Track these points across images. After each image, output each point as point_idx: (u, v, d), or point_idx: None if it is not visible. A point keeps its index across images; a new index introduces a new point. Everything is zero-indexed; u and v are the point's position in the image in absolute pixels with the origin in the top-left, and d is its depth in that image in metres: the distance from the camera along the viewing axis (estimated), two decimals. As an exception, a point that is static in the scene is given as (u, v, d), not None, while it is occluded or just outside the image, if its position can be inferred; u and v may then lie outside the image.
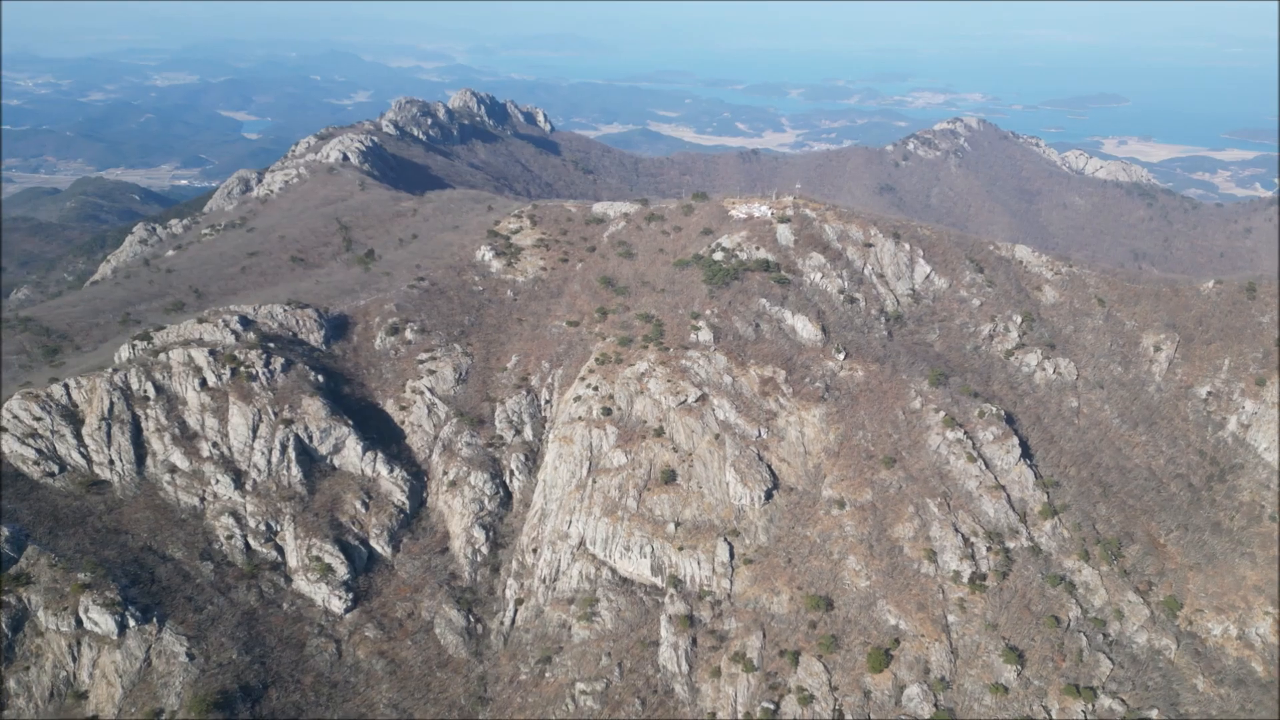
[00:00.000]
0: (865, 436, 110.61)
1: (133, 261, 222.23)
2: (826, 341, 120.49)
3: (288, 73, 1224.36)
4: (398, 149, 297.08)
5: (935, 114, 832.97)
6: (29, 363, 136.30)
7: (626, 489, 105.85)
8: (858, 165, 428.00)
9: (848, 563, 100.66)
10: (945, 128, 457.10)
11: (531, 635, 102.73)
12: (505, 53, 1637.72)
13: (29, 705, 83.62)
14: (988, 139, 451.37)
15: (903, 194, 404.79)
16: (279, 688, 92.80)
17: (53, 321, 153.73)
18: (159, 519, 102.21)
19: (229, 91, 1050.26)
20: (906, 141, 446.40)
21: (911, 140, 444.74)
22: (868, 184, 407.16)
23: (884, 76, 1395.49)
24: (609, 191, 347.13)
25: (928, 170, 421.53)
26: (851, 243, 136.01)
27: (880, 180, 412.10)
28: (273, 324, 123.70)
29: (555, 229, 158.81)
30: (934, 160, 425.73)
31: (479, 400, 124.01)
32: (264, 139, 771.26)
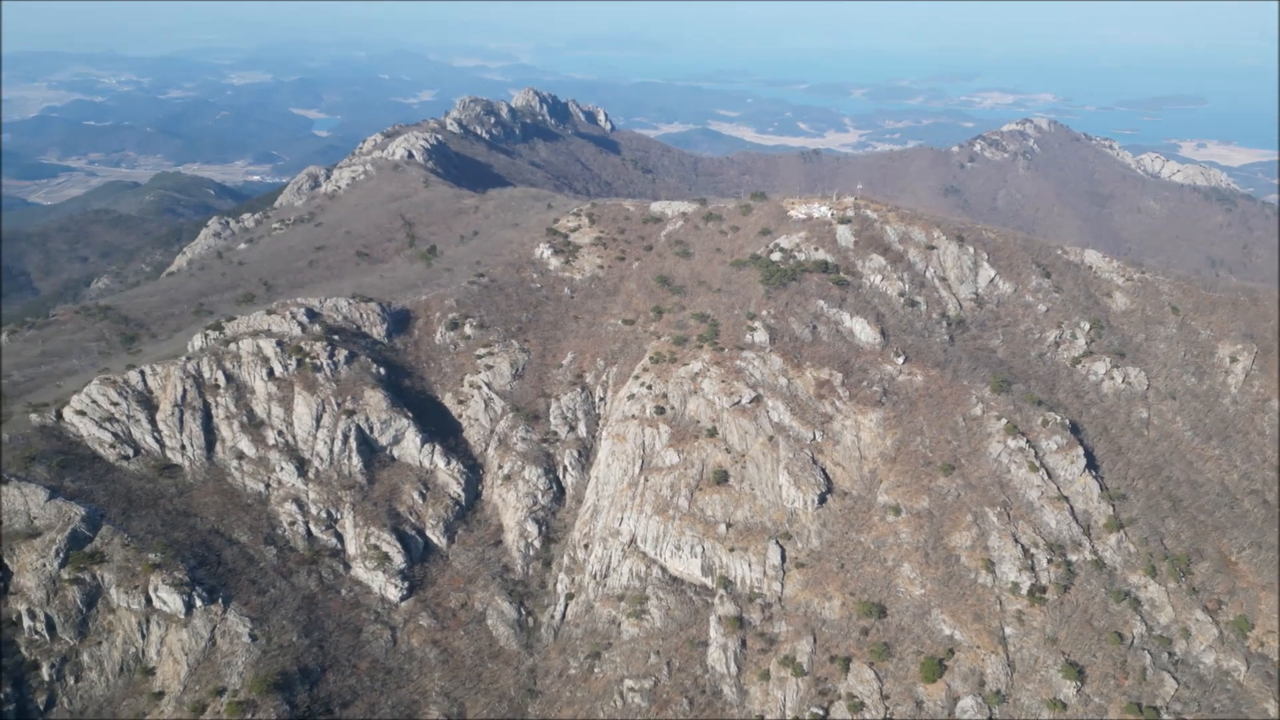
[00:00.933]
0: (923, 442, 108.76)
1: (207, 254, 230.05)
2: (885, 345, 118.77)
3: (356, 72, 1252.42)
4: (461, 147, 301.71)
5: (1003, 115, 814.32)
6: (108, 349, 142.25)
7: (678, 488, 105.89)
8: (922, 166, 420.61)
9: (902, 570, 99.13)
10: (1014, 129, 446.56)
11: (581, 630, 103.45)
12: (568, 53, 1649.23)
13: (100, 679, 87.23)
14: (1058, 140, 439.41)
15: (968, 196, 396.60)
16: (336, 671, 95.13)
17: (131, 311, 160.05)
18: (226, 503, 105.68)
19: (300, 90, 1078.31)
20: (973, 142, 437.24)
21: (978, 141, 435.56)
22: (932, 185, 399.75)
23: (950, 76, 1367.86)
24: (668, 191, 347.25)
25: (994, 172, 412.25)
26: (913, 245, 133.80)
27: (945, 182, 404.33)
28: (337, 317, 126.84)
29: (613, 227, 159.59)
30: (1001, 162, 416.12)
31: (534, 396, 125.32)
32: (333, 136, 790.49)
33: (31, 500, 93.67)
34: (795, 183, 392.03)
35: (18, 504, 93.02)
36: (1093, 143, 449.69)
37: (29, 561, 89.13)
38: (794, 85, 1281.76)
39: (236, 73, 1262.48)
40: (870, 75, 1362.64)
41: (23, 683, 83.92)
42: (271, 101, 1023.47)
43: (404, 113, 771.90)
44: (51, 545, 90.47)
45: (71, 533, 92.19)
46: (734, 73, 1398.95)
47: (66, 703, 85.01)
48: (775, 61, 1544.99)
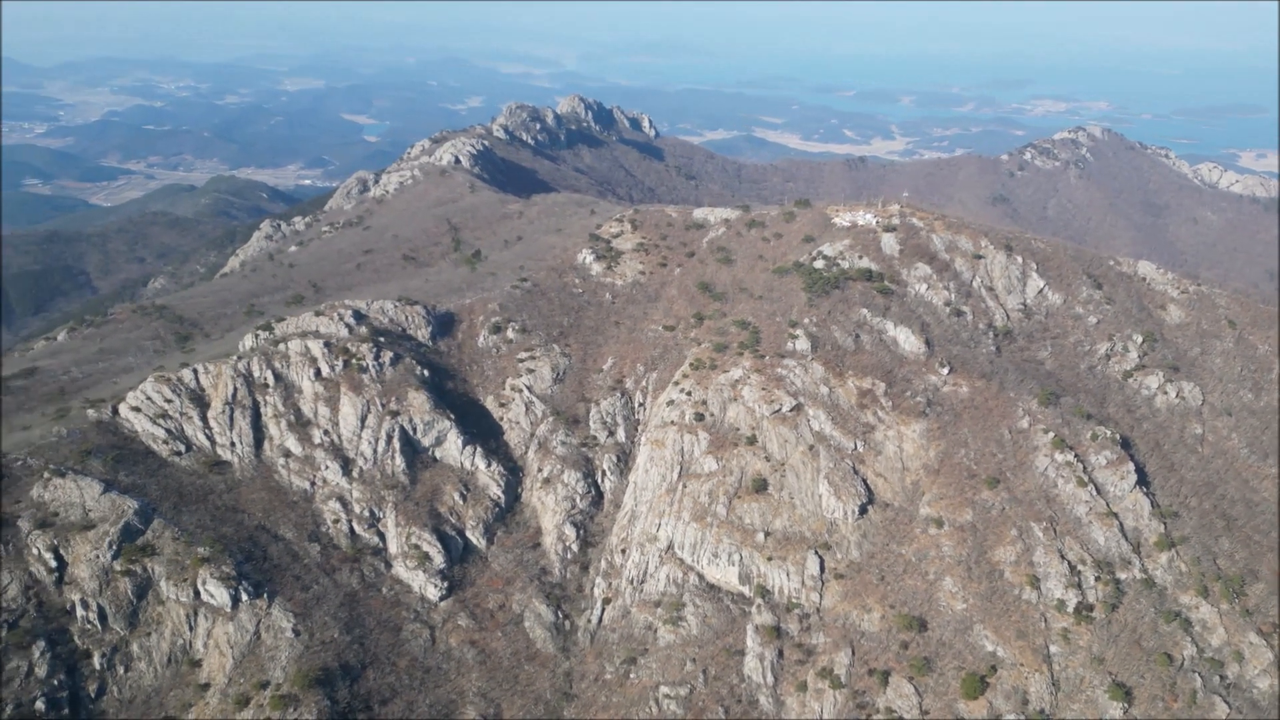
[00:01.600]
0: (968, 455, 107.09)
1: (258, 256, 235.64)
2: (930, 355, 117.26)
3: (406, 78, 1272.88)
4: (507, 153, 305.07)
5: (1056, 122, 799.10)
6: (162, 348, 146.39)
7: (716, 495, 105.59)
8: (970, 174, 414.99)
9: (944, 584, 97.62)
10: (1066, 137, 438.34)
11: (618, 635, 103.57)
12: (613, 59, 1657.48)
13: (149, 669, 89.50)
14: (1112, 149, 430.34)
15: (1017, 205, 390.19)
16: (376, 669, 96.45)
17: (185, 310, 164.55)
18: (273, 500, 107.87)
19: (351, 96, 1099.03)
20: (1023, 150, 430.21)
21: (1029, 149, 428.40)
22: (980, 194, 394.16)
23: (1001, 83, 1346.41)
24: (711, 197, 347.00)
25: (1045, 181, 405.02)
26: (960, 254, 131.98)
27: (993, 190, 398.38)
28: (383, 319, 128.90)
29: (655, 233, 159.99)
30: (1052, 170, 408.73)
31: (575, 400, 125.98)
32: (382, 141, 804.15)
33: (87, 493, 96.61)
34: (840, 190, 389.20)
35: (74, 496, 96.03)
36: (1148, 152, 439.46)
37: (83, 553, 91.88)
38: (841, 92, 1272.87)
39: (291, 79, 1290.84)
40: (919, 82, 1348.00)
41: (75, 670, 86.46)
42: (324, 107, 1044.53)
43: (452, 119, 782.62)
44: (105, 537, 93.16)
45: (124, 525, 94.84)
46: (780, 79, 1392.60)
47: (116, 691, 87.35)
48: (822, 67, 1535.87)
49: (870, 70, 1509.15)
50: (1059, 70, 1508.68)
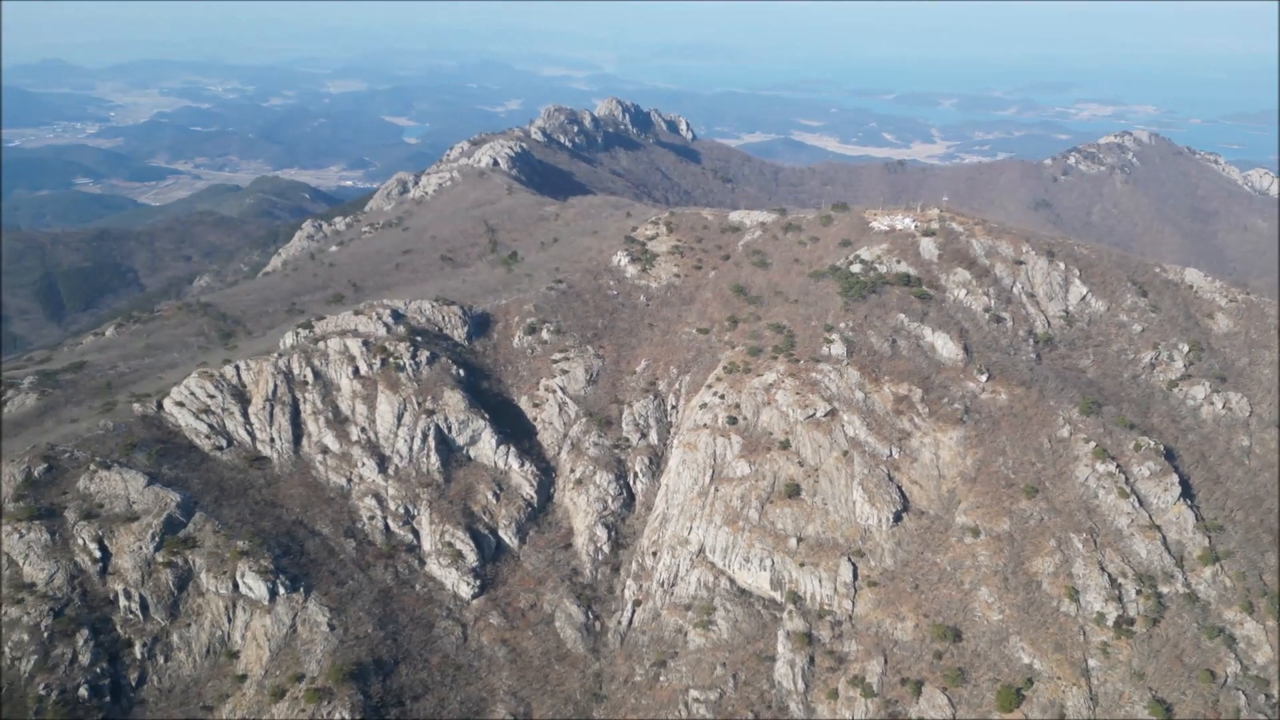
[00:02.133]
0: (1005, 463, 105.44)
1: (300, 255, 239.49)
2: (968, 361, 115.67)
3: (446, 81, 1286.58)
4: (544, 155, 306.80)
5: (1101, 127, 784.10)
6: (206, 344, 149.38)
7: (749, 500, 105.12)
8: (1011, 179, 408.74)
9: (979, 594, 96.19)
10: (1111, 141, 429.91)
11: (648, 637, 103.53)
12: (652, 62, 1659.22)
13: (188, 659, 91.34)
14: (1159, 154, 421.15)
15: (1060, 210, 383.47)
16: (408, 664, 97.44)
17: (229, 308, 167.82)
18: (310, 496, 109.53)
19: (392, 98, 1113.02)
20: (1067, 155, 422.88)
21: (1073, 154, 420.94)
22: (1022, 199, 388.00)
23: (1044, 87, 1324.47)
24: (747, 200, 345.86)
25: (1089, 186, 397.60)
26: (1000, 259, 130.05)
27: (1036, 195, 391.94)
28: (421, 319, 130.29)
29: (690, 236, 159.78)
30: (1097, 176, 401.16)
31: (608, 402, 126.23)
32: (422, 143, 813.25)
33: (131, 486, 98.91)
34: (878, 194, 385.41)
35: (118, 489, 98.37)
36: (1196, 157, 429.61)
37: (127, 544, 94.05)
38: (880, 95, 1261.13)
39: (334, 81, 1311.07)
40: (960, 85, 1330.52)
41: (117, 659, 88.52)
42: (365, 109, 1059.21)
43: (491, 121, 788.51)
44: (148, 529, 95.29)
45: (167, 518, 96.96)
46: (819, 82, 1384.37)
47: (156, 681, 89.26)
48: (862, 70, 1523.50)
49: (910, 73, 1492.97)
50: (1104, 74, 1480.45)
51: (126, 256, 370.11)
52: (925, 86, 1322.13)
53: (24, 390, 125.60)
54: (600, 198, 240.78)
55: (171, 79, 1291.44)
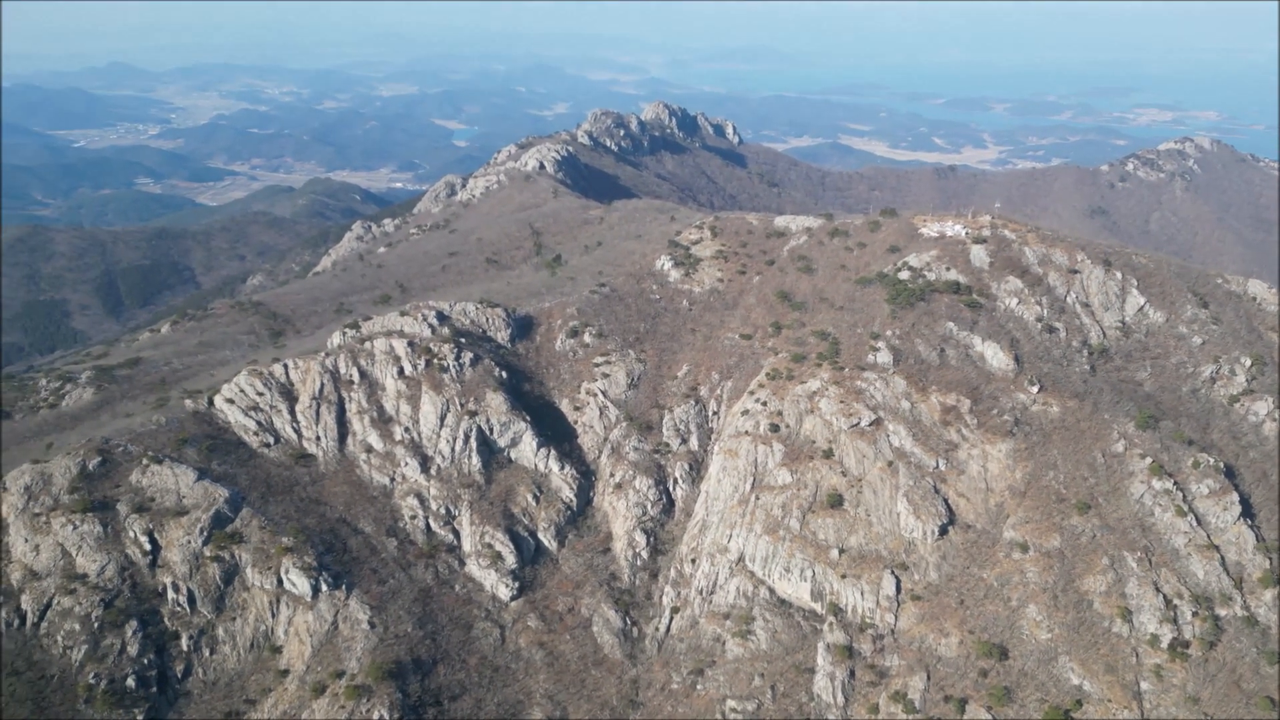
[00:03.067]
0: (1057, 478, 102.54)
1: (349, 256, 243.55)
2: (1019, 372, 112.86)
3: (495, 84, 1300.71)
4: (590, 158, 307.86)
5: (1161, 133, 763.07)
6: (257, 343, 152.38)
7: (790, 509, 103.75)
8: (1066, 185, 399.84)
9: (1027, 611, 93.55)
10: (1171, 147, 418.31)
11: (685, 645, 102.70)
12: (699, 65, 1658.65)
13: (233, 653, 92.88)
14: (1221, 161, 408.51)
15: (1117, 218, 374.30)
16: (447, 665, 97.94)
17: (279, 307, 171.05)
18: (354, 494, 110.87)
19: (442, 102, 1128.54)
20: (1125, 161, 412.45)
21: (1131, 160, 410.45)
22: (1077, 206, 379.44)
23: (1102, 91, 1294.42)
24: (793, 205, 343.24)
25: (1148, 193, 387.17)
26: (1054, 268, 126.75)
27: (1091, 202, 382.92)
28: (465, 320, 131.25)
29: (735, 241, 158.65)
30: (1156, 183, 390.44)
31: (648, 406, 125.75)
32: (470, 146, 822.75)
33: (182, 480, 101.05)
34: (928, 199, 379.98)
35: (169, 483, 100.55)
36: (1260, 164, 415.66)
37: (176, 537, 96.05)
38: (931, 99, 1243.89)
39: (386, 84, 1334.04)
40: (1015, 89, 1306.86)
41: (164, 651, 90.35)
42: (416, 112, 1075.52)
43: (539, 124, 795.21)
44: (197, 524, 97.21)
45: (215, 513, 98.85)
46: (868, 86, 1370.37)
47: (201, 673, 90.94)
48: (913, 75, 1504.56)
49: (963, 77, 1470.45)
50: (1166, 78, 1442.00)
51: (184, 255, 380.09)
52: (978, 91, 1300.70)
53: (81, 385, 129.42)
54: (645, 201, 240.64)
55: (231, 82, 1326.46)
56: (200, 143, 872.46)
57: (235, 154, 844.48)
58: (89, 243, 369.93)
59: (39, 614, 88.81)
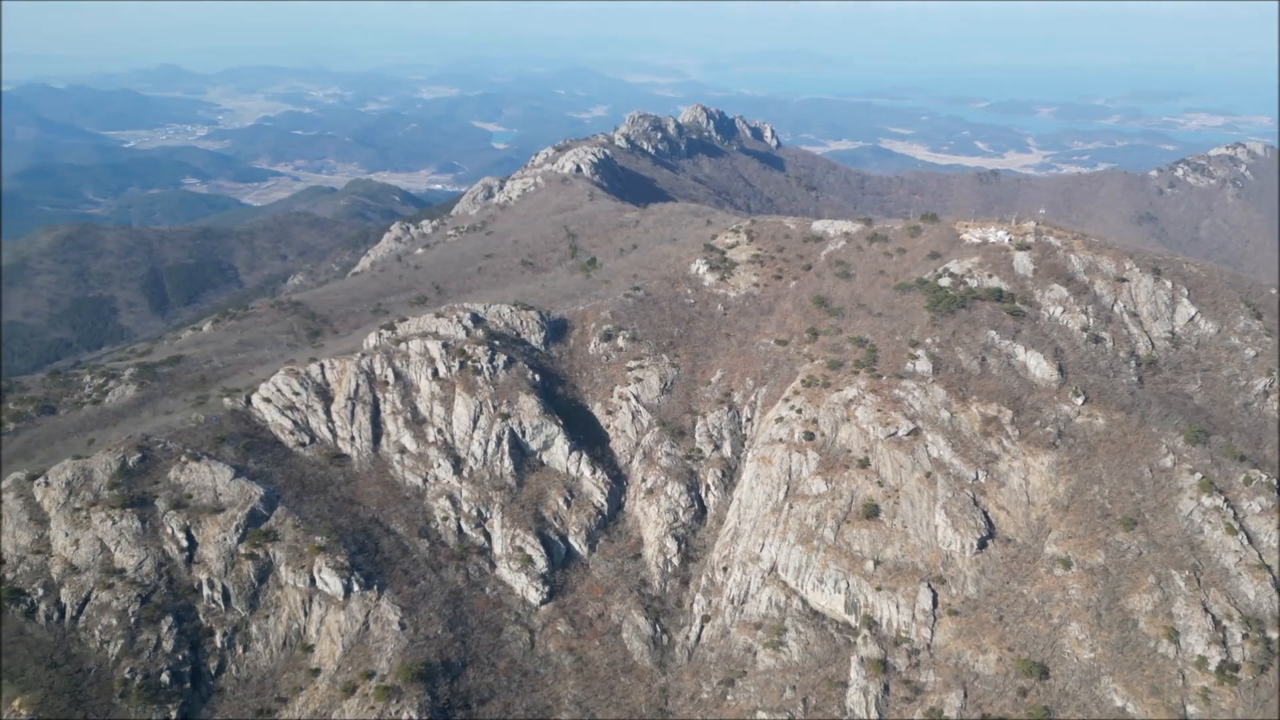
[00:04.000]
0: (1101, 492, 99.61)
1: (388, 257, 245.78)
2: (1063, 383, 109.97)
3: (534, 87, 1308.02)
4: (627, 161, 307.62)
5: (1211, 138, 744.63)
6: (295, 342, 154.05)
7: (824, 519, 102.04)
8: (1113, 191, 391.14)
9: (1069, 630, 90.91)
10: (1223, 153, 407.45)
11: (716, 654, 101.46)
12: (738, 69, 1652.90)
13: (265, 650, 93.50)
14: (1275, 167, 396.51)
15: (1165, 225, 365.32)
16: (476, 668, 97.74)
17: (318, 307, 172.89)
18: (387, 494, 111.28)
19: (482, 104, 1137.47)
20: (1174, 167, 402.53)
21: (1180, 166, 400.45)
22: (1124, 212, 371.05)
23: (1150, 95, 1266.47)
24: (831, 209, 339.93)
25: (1198, 200, 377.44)
26: (1101, 276, 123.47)
27: (1139, 209, 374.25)
28: (499, 323, 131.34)
29: (771, 245, 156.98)
30: (1207, 189, 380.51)
31: (681, 412, 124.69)
32: (509, 149, 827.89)
33: (219, 478, 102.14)
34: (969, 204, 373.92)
35: (206, 480, 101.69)
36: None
37: (212, 534, 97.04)
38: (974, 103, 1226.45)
39: (427, 87, 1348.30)
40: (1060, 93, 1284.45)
41: (198, 647, 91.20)
42: (456, 114, 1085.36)
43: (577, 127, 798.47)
44: (233, 521, 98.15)
45: (251, 511, 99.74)
46: (909, 89, 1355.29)
47: (234, 670, 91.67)
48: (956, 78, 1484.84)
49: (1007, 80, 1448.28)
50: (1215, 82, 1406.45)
51: (227, 254, 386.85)
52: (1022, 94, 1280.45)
53: (124, 381, 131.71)
54: (681, 205, 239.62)
55: (277, 84, 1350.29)
56: (246, 144, 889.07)
57: (279, 155, 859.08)
58: (136, 241, 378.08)
59: (77, 608, 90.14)
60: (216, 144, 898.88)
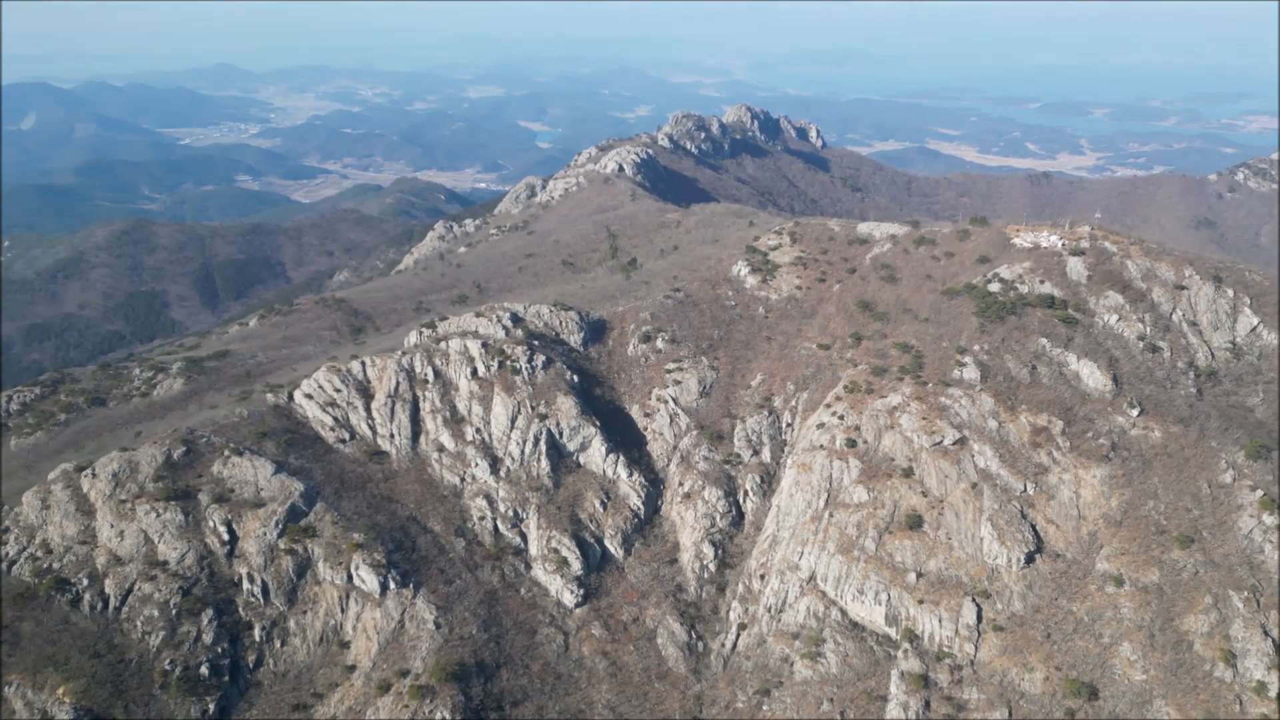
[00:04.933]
0: (1156, 508, 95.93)
1: (431, 255, 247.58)
2: (1117, 393, 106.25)
3: (579, 86, 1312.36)
4: (670, 161, 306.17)
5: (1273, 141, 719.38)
6: (338, 339, 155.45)
7: (865, 528, 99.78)
8: (1170, 195, 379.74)
9: (1121, 650, 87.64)
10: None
11: (752, 663, 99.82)
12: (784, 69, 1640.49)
13: (302, 645, 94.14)
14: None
15: (1225, 230, 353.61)
16: (510, 669, 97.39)
17: (361, 304, 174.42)
18: (424, 493, 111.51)
19: (527, 104, 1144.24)
20: (1235, 171, 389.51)
21: (1241, 169, 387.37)
22: (1181, 216, 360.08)
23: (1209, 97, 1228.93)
24: (877, 211, 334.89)
25: (1259, 204, 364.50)
26: (1159, 283, 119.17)
27: (1197, 213, 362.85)
28: (539, 323, 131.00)
29: (815, 247, 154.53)
30: (1268, 193, 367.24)
31: (720, 415, 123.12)
32: (553, 148, 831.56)
33: (260, 473, 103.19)
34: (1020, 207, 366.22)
35: (248, 475, 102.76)
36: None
37: (253, 529, 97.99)
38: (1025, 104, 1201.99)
39: (474, 87, 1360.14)
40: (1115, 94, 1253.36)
41: (237, 640, 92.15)
42: (502, 114, 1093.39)
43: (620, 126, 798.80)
44: (273, 516, 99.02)
45: (290, 506, 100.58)
46: (959, 89, 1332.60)
47: (272, 664, 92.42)
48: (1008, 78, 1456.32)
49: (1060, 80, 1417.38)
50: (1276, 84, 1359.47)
51: (276, 250, 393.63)
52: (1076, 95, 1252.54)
53: (172, 375, 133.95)
54: (723, 205, 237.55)
55: (328, 83, 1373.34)
56: (296, 141, 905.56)
57: (328, 153, 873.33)
58: (189, 237, 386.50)
59: (121, 599, 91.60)
60: (268, 142, 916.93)
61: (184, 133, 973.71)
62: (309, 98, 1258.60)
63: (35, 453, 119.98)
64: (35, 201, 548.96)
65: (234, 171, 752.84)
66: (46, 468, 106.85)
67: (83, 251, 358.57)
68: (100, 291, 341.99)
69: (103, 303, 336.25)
